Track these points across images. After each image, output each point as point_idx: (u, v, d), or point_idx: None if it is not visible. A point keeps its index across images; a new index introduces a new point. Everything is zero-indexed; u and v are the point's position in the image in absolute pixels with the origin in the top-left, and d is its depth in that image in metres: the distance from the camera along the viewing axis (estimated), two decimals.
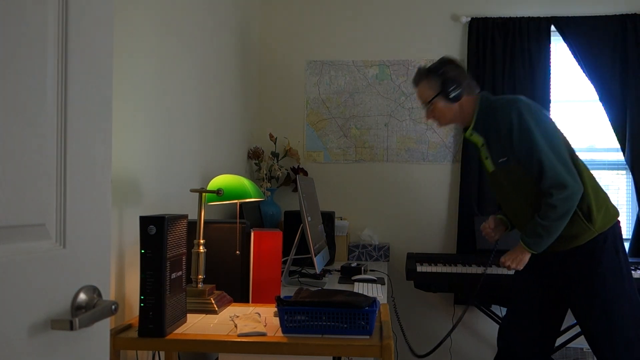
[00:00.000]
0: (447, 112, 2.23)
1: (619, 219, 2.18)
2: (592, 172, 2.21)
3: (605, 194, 2.19)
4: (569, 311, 2.28)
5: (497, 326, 3.15)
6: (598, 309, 2.10)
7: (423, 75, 2.26)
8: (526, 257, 2.17)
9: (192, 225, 1.82)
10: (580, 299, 2.15)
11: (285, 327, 1.48)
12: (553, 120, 2.21)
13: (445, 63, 2.23)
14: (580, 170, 2.11)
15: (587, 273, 2.11)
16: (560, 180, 2.03)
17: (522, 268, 2.19)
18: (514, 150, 2.10)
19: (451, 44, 3.49)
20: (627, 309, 2.09)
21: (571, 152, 2.15)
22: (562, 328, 2.86)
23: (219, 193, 1.83)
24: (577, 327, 2.82)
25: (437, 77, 2.21)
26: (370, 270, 2.77)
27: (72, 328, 0.81)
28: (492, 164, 2.21)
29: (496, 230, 2.34)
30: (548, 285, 2.25)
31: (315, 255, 2.24)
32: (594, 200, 2.11)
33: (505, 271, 2.90)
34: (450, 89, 2.18)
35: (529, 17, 3.34)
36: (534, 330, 2.28)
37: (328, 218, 2.99)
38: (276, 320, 1.60)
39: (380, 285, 2.39)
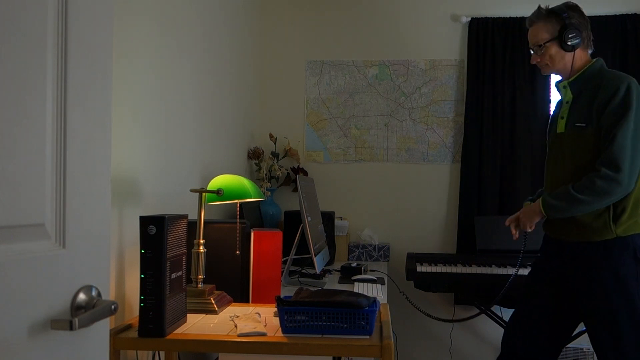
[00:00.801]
0: (558, 59, 2.11)
1: None
2: None
3: None
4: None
5: (497, 326, 3.15)
6: (603, 313, 2.02)
7: (542, 15, 2.13)
8: (536, 218, 2.11)
9: (192, 225, 1.82)
10: (589, 298, 2.06)
11: (285, 327, 1.48)
12: None
13: (570, 8, 2.11)
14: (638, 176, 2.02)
15: (601, 272, 2.02)
16: (618, 162, 1.92)
17: (529, 228, 2.13)
18: (602, 117, 1.98)
19: (451, 44, 3.49)
20: (635, 320, 1.99)
21: None
22: None
23: (219, 193, 1.83)
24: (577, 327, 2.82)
25: (558, 20, 2.09)
26: (370, 270, 2.77)
27: (71, 328, 0.81)
28: (564, 125, 2.11)
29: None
30: (560, 292, 2.16)
31: (315, 255, 2.24)
32: (630, 208, 2.01)
33: (505, 271, 2.90)
34: (570, 36, 2.06)
35: None
36: (542, 339, 2.19)
37: (328, 218, 2.99)
38: (276, 320, 1.60)
39: (380, 285, 2.39)
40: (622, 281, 2.00)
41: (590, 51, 2.16)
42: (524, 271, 2.84)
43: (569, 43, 2.07)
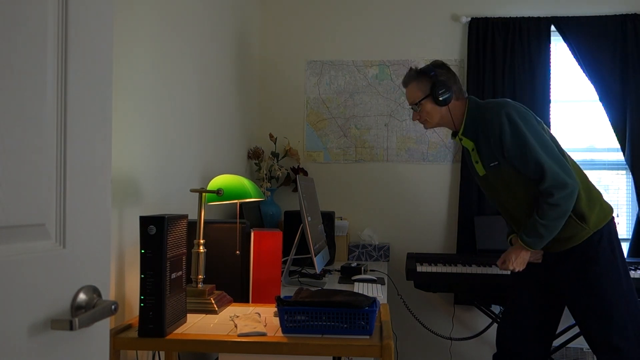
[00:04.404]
0: (434, 114, 2.26)
1: (613, 215, 2.19)
2: (592, 172, 2.22)
3: (598, 192, 2.20)
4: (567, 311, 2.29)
5: (497, 326, 3.15)
6: (595, 308, 2.11)
7: (413, 76, 2.28)
8: (527, 255, 2.18)
9: (192, 225, 1.82)
10: (577, 298, 2.16)
11: (285, 327, 1.48)
12: (540, 120, 2.21)
13: (436, 66, 2.27)
14: (571, 168, 2.14)
15: (583, 273, 2.13)
16: (560, 180, 2.04)
17: (524, 268, 2.19)
18: (506, 154, 2.11)
19: (451, 44, 3.49)
20: (624, 307, 2.09)
21: (561, 151, 2.17)
22: (562, 328, 2.87)
23: (219, 193, 1.83)
24: (577, 327, 2.83)
25: (428, 79, 2.23)
26: (370, 270, 2.77)
27: (72, 328, 0.81)
28: (482, 168, 2.23)
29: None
30: (545, 283, 2.26)
31: (315, 255, 2.24)
32: (585, 199, 2.12)
33: (505, 271, 2.90)
34: (440, 92, 2.20)
35: (529, 17, 3.34)
36: (531, 329, 2.29)
37: (328, 218, 2.99)
38: (276, 320, 1.60)
39: (380, 285, 2.39)
40: (608, 273, 2.10)
41: (465, 96, 2.29)
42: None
43: (440, 98, 2.21)
